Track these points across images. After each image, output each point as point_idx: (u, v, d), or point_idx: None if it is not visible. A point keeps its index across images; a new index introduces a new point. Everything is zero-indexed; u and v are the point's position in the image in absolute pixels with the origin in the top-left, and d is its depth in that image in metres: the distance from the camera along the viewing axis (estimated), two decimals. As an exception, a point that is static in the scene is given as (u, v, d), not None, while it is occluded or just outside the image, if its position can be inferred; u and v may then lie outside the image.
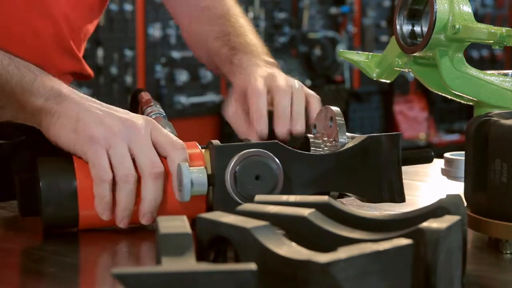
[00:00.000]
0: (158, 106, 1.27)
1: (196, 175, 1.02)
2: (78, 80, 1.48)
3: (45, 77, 1.11)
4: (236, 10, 1.56)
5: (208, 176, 1.03)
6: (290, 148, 1.06)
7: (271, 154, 1.03)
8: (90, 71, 1.52)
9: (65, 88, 1.10)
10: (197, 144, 1.09)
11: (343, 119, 1.12)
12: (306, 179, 1.06)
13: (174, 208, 1.04)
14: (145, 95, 1.31)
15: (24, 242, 1.07)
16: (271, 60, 1.39)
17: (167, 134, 1.07)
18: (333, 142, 1.12)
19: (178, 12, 1.59)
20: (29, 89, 1.09)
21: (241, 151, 1.02)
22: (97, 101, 1.09)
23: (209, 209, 1.05)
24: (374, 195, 1.08)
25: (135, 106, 1.34)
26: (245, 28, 1.50)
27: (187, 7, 1.56)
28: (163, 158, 1.05)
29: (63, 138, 1.06)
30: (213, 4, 1.55)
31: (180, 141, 1.07)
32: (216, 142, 1.05)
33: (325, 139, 1.13)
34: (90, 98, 1.10)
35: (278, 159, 1.03)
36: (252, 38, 1.46)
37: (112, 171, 1.03)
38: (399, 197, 1.08)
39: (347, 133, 1.11)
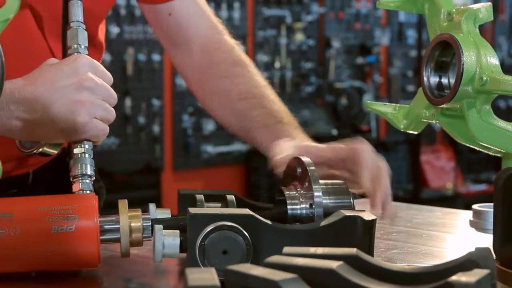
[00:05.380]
0: None
1: (168, 239, 1.04)
2: None
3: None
4: (246, 59, 1.52)
5: (183, 241, 1.04)
6: (264, 220, 1.05)
7: (241, 229, 1.02)
8: None
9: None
10: None
11: (313, 168, 1.12)
12: (277, 253, 1.05)
13: None
14: None
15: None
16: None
17: None
18: (308, 196, 1.12)
19: (181, 62, 1.56)
20: None
21: (214, 221, 1.02)
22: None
23: None
24: None
25: None
26: (267, 90, 1.48)
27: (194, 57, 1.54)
28: None
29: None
30: (224, 56, 1.51)
31: None
32: (194, 209, 1.04)
33: (299, 190, 1.14)
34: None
35: (251, 231, 1.03)
36: (278, 103, 1.45)
37: None
38: None
39: (321, 181, 1.12)
